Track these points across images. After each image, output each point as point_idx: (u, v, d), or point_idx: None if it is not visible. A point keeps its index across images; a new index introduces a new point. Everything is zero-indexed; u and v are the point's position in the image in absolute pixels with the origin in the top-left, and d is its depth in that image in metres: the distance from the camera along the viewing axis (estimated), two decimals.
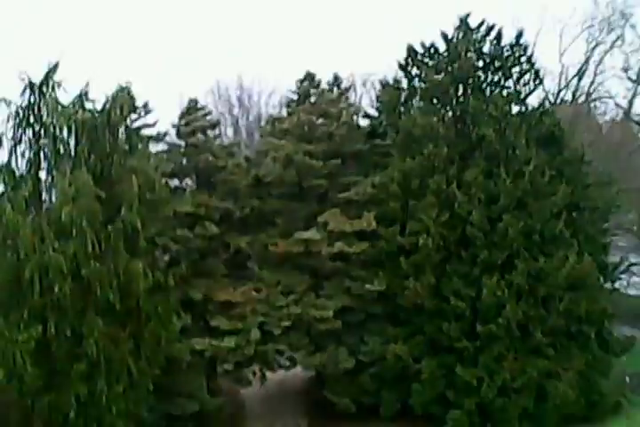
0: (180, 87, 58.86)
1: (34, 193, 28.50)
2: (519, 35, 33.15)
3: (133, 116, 31.52)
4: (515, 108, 32.80)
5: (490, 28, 32.91)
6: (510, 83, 32.79)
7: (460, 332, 29.80)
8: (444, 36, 33.08)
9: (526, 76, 32.88)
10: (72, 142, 29.17)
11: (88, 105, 29.78)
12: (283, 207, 31.55)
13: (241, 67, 58.93)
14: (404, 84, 33.88)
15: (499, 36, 32.81)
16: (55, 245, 27.11)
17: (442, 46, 33.34)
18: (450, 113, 32.42)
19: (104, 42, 66.01)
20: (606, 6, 46.45)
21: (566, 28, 48.01)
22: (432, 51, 33.14)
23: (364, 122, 34.84)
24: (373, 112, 35.67)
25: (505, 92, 32.62)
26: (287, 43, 68.36)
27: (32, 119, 29.28)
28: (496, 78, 32.70)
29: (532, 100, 34.04)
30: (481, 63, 32.63)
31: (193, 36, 69.36)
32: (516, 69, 32.85)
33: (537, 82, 33.00)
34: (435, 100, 32.64)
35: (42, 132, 29.20)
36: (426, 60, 33.42)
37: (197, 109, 32.60)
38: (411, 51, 33.61)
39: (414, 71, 33.58)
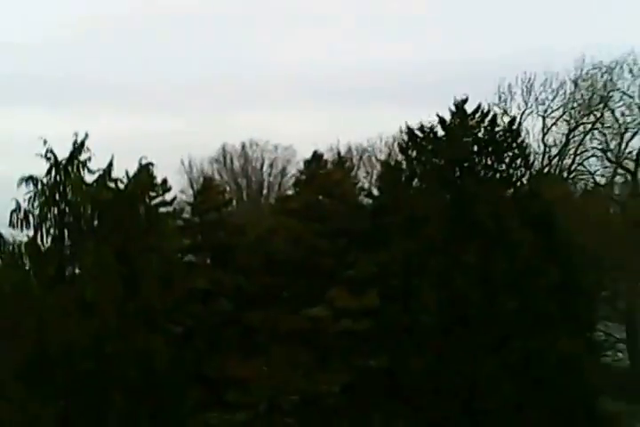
0: (185, 152, 59.42)
1: (58, 269, 29.15)
2: (511, 121, 34.67)
3: (152, 193, 32.33)
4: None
5: (485, 114, 34.31)
6: (503, 167, 34.09)
7: (459, 408, 30.50)
8: (442, 122, 34.37)
9: (517, 161, 34.22)
10: (95, 220, 30.05)
11: (111, 184, 30.82)
12: (292, 284, 32.20)
13: (245, 134, 59.79)
14: (404, 165, 35.05)
15: (493, 122, 34.23)
16: (79, 322, 27.74)
17: (440, 130, 34.74)
18: (447, 195, 33.43)
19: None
20: (586, 89, 48.30)
21: (549, 109, 49.69)
22: (431, 135, 34.36)
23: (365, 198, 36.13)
24: (375, 190, 36.83)
25: (498, 176, 33.96)
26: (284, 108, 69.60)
27: (57, 197, 30.04)
28: (490, 162, 33.95)
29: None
30: (476, 148, 33.93)
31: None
32: (508, 154, 34.18)
33: (527, 166, 34.37)
34: (434, 182, 33.73)
35: (66, 209, 29.95)
36: (424, 143, 34.60)
37: (212, 188, 33.48)
38: (411, 134, 34.88)
39: (414, 153, 34.73)
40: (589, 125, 48.41)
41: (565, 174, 48.26)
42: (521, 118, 49.58)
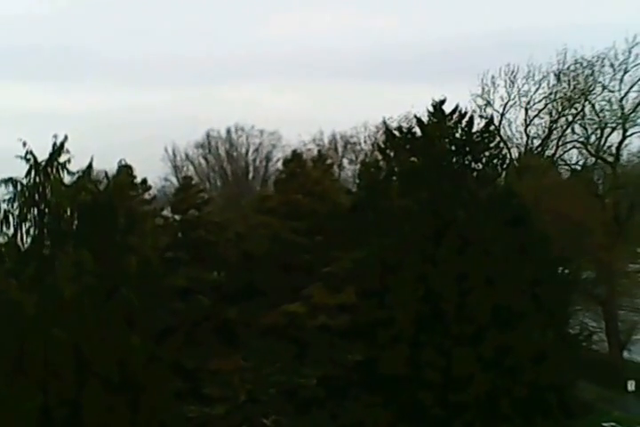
0: (171, 139, 59.44)
1: (38, 269, 28.95)
2: (489, 122, 34.25)
3: (133, 193, 32.14)
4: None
5: (462, 115, 33.89)
6: (480, 166, 33.73)
7: (433, 400, 30.34)
8: (420, 122, 34.04)
9: (494, 161, 33.84)
10: (74, 221, 29.88)
11: (90, 185, 30.63)
12: (270, 280, 31.93)
13: (230, 120, 59.67)
14: (382, 164, 34.72)
15: (470, 123, 33.82)
16: (57, 320, 27.63)
17: (418, 129, 34.37)
18: (424, 194, 33.05)
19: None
20: (568, 83, 47.76)
21: (531, 102, 49.19)
22: (408, 135, 34.01)
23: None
24: (352, 177, 36.60)
25: (475, 175, 33.60)
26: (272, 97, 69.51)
27: (37, 198, 29.87)
28: (467, 162, 33.58)
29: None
30: (453, 148, 33.55)
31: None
32: (485, 154, 33.80)
33: (504, 166, 33.98)
34: (411, 181, 33.37)
35: (46, 210, 29.78)
36: (402, 143, 34.24)
37: (191, 186, 33.25)
38: (389, 134, 34.55)
39: (392, 153, 34.38)
40: (571, 117, 47.84)
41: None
42: (504, 110, 49.34)
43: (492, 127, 34.55)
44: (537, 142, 49.70)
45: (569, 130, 48.28)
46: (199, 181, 60.46)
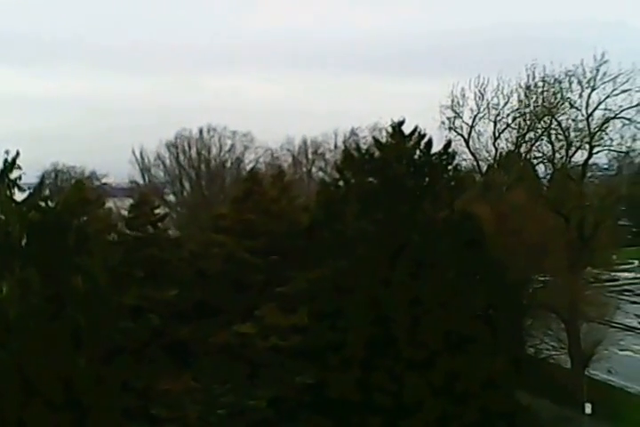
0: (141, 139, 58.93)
1: None
2: (447, 144, 34.00)
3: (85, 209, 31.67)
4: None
5: (421, 137, 33.57)
6: (437, 188, 33.44)
7: (383, 425, 30.11)
8: (377, 143, 33.75)
9: (452, 183, 33.59)
10: (23, 240, 29.44)
11: (41, 203, 30.20)
12: (223, 299, 31.61)
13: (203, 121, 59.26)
14: (341, 183, 34.38)
15: (429, 145, 33.52)
16: (1, 341, 27.23)
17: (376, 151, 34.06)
18: (380, 215, 32.75)
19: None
20: (535, 100, 47.49)
21: (500, 114, 48.87)
22: (367, 156, 33.69)
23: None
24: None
25: (432, 197, 33.31)
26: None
27: None
28: (424, 184, 33.28)
29: None
30: (412, 169, 33.25)
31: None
32: (444, 176, 33.53)
33: (462, 188, 33.75)
34: (367, 203, 33.04)
35: None
36: (360, 163, 33.88)
37: (147, 203, 32.85)
38: (347, 154, 34.26)
39: (350, 174, 34.02)
40: (539, 132, 47.55)
41: None
42: (473, 122, 49.03)
43: (450, 149, 34.12)
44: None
45: (536, 145, 48.04)
46: (169, 182, 60.35)
